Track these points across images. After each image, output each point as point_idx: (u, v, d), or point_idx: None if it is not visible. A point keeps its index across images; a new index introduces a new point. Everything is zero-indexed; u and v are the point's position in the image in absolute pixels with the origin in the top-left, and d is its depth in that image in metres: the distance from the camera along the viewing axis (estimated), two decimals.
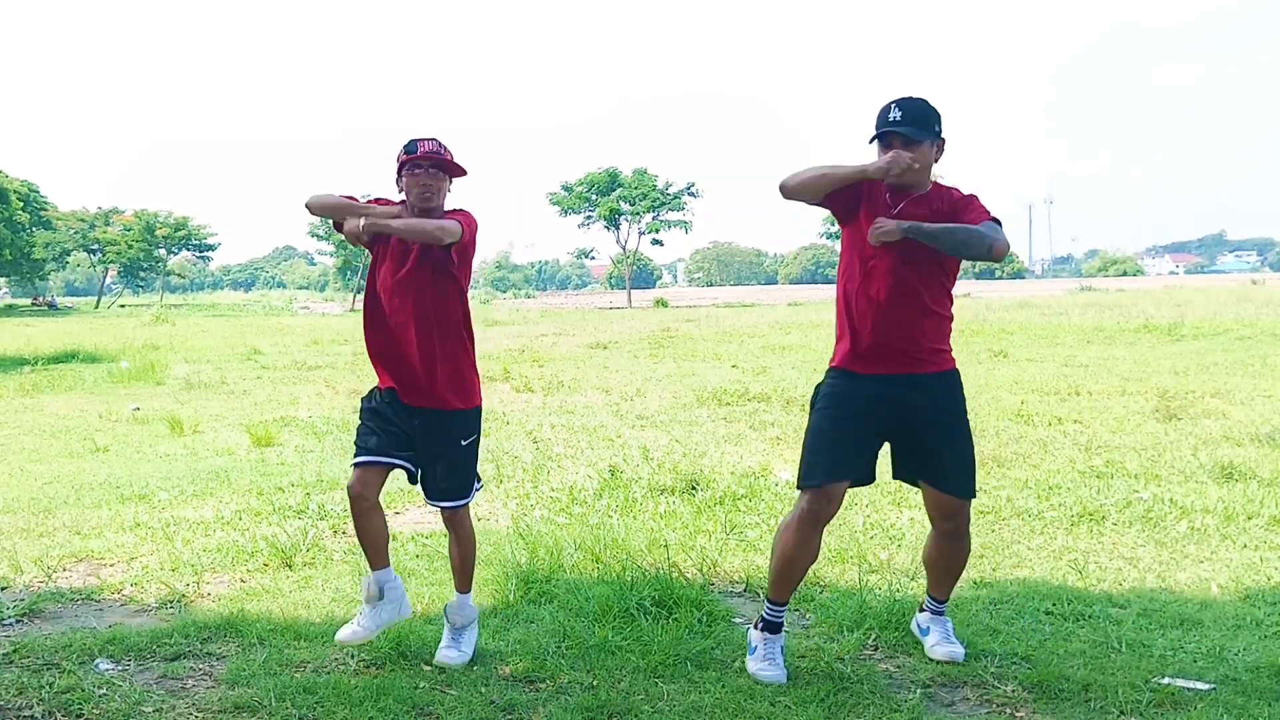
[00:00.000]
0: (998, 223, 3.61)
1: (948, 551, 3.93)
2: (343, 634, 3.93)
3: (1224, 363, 13.93)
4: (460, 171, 3.83)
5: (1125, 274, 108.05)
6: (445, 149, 3.83)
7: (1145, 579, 4.93)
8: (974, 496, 3.84)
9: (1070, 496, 6.45)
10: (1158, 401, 10.29)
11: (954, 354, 3.84)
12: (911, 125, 3.58)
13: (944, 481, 3.77)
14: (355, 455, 3.85)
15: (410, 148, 3.79)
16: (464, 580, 4.07)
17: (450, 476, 3.90)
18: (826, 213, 3.93)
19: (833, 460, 3.70)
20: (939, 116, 3.66)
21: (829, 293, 62.86)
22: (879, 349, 3.68)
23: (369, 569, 3.96)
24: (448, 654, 3.93)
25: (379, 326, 3.86)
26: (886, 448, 3.86)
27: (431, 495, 3.95)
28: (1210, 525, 5.71)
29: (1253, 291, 36.34)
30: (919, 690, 3.69)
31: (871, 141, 3.67)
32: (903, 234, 3.56)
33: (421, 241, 3.73)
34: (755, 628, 3.88)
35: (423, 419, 3.85)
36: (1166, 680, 3.68)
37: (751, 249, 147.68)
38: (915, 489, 4.04)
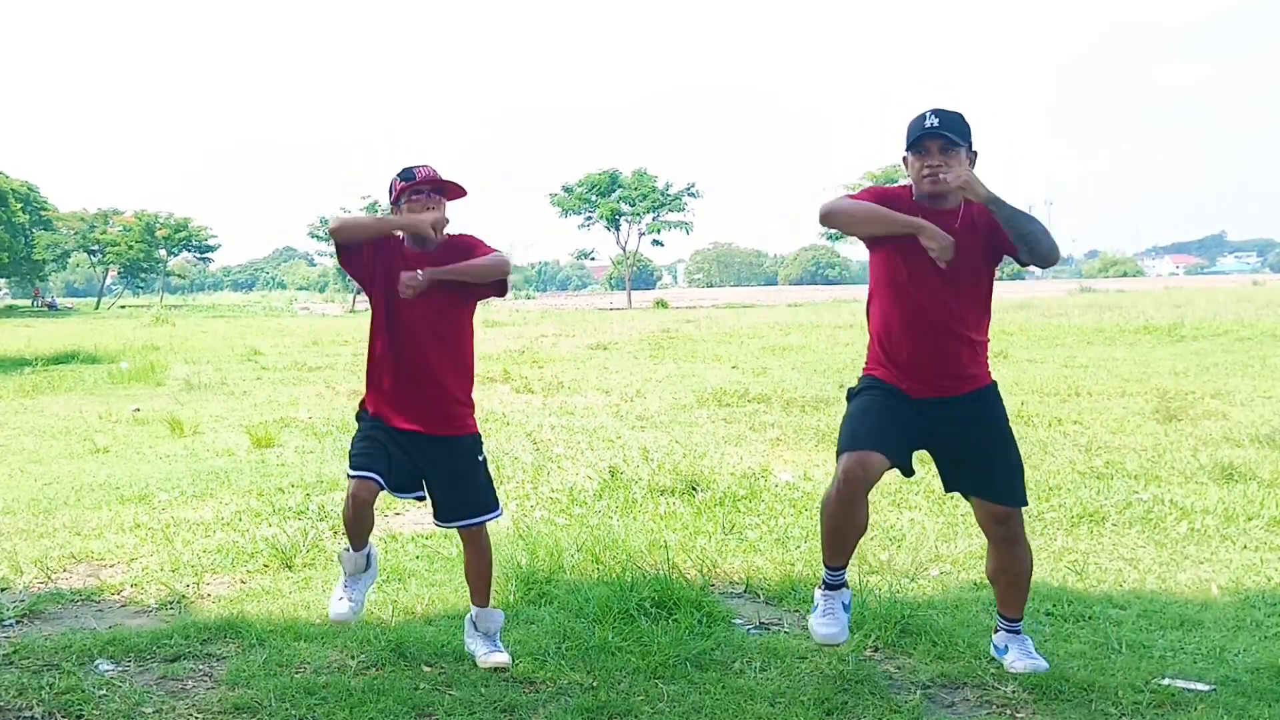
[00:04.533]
0: None
1: (1007, 562, 3.75)
2: (337, 612, 3.83)
3: (1224, 364, 13.93)
4: (460, 192, 3.76)
5: (1125, 275, 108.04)
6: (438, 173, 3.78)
7: (1145, 580, 4.93)
8: (1024, 504, 3.72)
9: (1070, 497, 6.44)
10: (1158, 402, 10.29)
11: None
12: (950, 130, 3.50)
13: (990, 490, 3.67)
14: (360, 469, 3.70)
15: (407, 175, 3.72)
16: (486, 593, 4.01)
17: (474, 490, 3.85)
18: None
19: (872, 431, 3.55)
20: (971, 129, 3.59)
21: (829, 294, 63.33)
22: (917, 376, 3.62)
23: (352, 547, 3.84)
24: (497, 658, 3.87)
25: (406, 369, 3.73)
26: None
27: (464, 513, 3.87)
28: (1210, 526, 5.71)
29: (1253, 293, 36.33)
30: (919, 691, 3.69)
31: (908, 149, 3.57)
32: (982, 199, 3.43)
33: (492, 278, 3.69)
34: (818, 588, 3.83)
35: (439, 444, 3.80)
36: (1166, 681, 3.68)
37: (751, 250, 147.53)
38: (937, 497, 3.95)
